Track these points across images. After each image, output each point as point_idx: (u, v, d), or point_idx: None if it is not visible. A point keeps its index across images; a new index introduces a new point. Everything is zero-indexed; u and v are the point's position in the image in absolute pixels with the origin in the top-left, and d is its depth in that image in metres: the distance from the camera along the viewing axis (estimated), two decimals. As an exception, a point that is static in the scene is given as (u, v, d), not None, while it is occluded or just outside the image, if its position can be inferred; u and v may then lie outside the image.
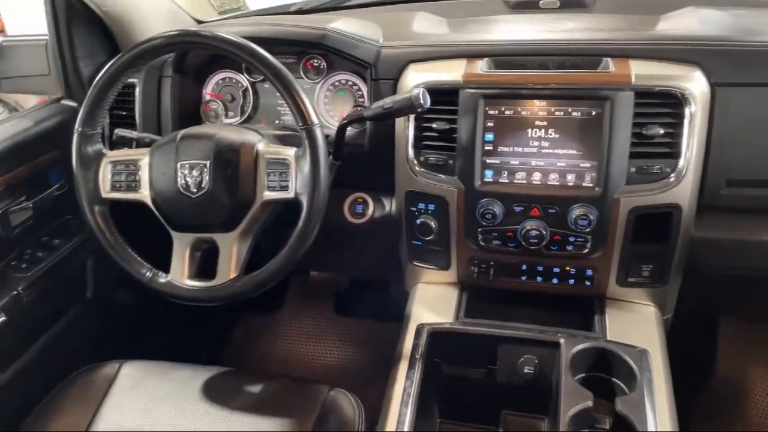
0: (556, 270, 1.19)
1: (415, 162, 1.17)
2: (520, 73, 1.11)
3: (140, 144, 1.19)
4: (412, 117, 1.15)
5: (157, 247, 1.09)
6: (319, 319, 1.97)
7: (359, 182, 1.29)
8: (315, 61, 1.32)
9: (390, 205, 1.28)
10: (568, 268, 1.18)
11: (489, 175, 1.13)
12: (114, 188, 1.08)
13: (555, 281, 1.20)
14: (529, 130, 1.09)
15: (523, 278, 1.21)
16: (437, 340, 1.12)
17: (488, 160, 1.12)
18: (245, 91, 1.36)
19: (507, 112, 1.10)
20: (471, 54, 1.18)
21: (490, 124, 1.11)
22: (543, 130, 1.09)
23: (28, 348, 1.31)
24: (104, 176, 1.07)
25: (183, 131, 1.07)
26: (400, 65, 1.21)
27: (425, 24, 1.39)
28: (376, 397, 1.08)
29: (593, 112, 1.06)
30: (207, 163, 1.02)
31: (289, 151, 1.03)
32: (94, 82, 1.06)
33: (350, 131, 1.20)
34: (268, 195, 1.02)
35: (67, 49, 1.37)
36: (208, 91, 1.39)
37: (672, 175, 1.06)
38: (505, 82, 1.11)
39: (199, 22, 1.56)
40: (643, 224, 1.09)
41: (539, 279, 1.20)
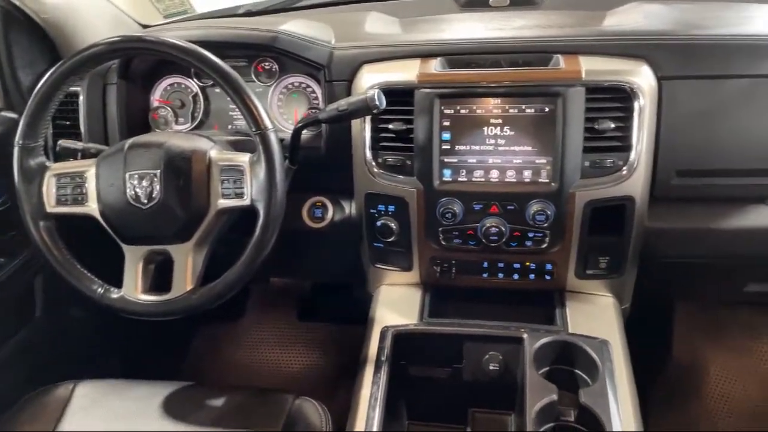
0: (516, 266, 1.20)
1: (373, 163, 1.16)
2: (473, 72, 1.12)
3: (86, 155, 1.15)
4: (368, 118, 1.15)
5: (108, 261, 1.05)
6: (281, 326, 1.94)
7: (317, 186, 1.27)
8: (266, 63, 1.29)
9: (349, 207, 1.27)
10: (528, 264, 1.19)
11: (447, 174, 1.13)
12: (59, 202, 1.03)
13: (516, 277, 1.21)
14: (485, 128, 1.10)
15: (485, 275, 1.22)
16: (402, 341, 1.11)
17: (446, 159, 1.12)
18: (195, 96, 1.33)
19: (463, 111, 1.10)
20: (424, 54, 1.18)
21: (447, 123, 1.11)
22: (498, 128, 1.10)
23: (-27, 374, 1.25)
24: (48, 190, 1.03)
25: (131, 140, 1.03)
26: (354, 66, 1.20)
27: (377, 24, 1.38)
28: (343, 402, 1.07)
29: (546, 109, 1.07)
30: (157, 172, 0.99)
31: (243, 157, 1.00)
32: (35, 92, 1.01)
33: (306, 134, 1.18)
34: (223, 203, 1.00)
35: (5, 58, 1.31)
36: (156, 97, 1.34)
37: (624, 168, 1.08)
38: (460, 81, 1.11)
39: (144, 27, 1.52)
40: (599, 217, 1.11)
41: (500, 275, 1.21)
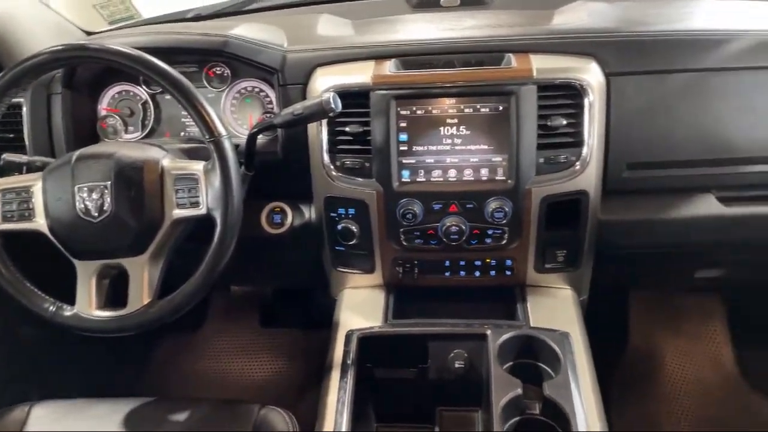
0: (477, 263, 1.21)
1: (332, 167, 1.16)
2: (428, 72, 1.12)
3: (31, 168, 1.11)
4: (324, 121, 1.14)
5: (60, 277, 1.01)
6: (244, 334, 1.91)
7: (275, 191, 1.26)
8: (218, 69, 1.27)
9: (309, 212, 1.26)
10: (488, 261, 1.21)
11: (406, 175, 1.13)
12: (5, 219, 1.00)
13: (477, 274, 1.22)
14: (442, 128, 1.11)
15: (447, 274, 1.23)
16: (367, 345, 1.11)
17: (404, 161, 1.12)
18: (145, 103, 1.29)
19: (419, 112, 1.11)
20: (378, 55, 1.18)
21: (403, 124, 1.11)
22: (455, 128, 1.11)
23: None
24: None
25: (78, 152, 1.00)
26: (308, 69, 1.19)
27: (330, 26, 1.37)
28: (309, 409, 1.06)
29: (500, 107, 1.09)
30: (107, 184, 0.96)
31: (197, 165, 0.98)
32: None
33: (261, 139, 1.17)
34: (178, 213, 0.98)
35: (-58, 70, 1.25)
36: (103, 106, 1.30)
37: (577, 163, 1.11)
38: (414, 82, 1.11)
39: (88, 34, 1.47)
40: (555, 212, 1.14)
41: (462, 273, 1.23)
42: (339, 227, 1.19)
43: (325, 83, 1.15)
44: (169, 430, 1.05)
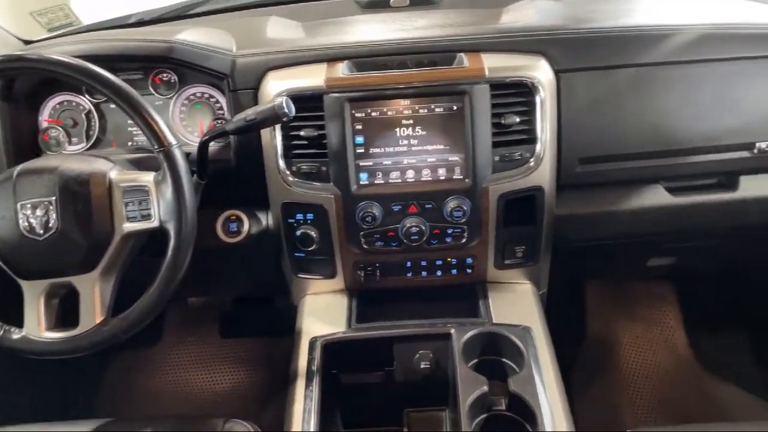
0: (438, 262, 1.22)
1: (288, 172, 1.14)
2: (381, 74, 1.12)
3: None
4: (278, 126, 1.12)
5: (6, 299, 0.96)
6: (204, 346, 1.86)
7: (230, 199, 1.23)
8: (164, 75, 1.23)
9: (266, 219, 1.23)
10: (449, 259, 1.21)
11: (364, 177, 1.12)
12: None
13: (439, 273, 1.23)
14: (398, 130, 1.11)
15: (409, 275, 1.23)
16: (332, 351, 1.10)
17: (361, 163, 1.12)
18: (88, 113, 1.24)
19: (374, 114, 1.10)
20: (330, 58, 1.17)
21: (359, 126, 1.10)
22: (410, 128, 1.10)
23: None
24: None
25: (20, 167, 0.96)
26: (259, 74, 1.17)
27: (279, 29, 1.35)
28: (275, 420, 1.04)
29: (454, 107, 1.09)
30: (52, 199, 0.92)
31: (147, 177, 0.95)
32: None
33: (213, 146, 1.14)
34: (129, 227, 0.94)
35: None
36: (44, 117, 1.25)
37: (532, 159, 1.12)
38: (368, 84, 1.11)
39: (26, 43, 1.40)
40: (512, 209, 1.15)
41: (424, 273, 1.23)
42: (298, 233, 1.17)
43: (277, 87, 1.13)
44: (129, 451, 1.01)
